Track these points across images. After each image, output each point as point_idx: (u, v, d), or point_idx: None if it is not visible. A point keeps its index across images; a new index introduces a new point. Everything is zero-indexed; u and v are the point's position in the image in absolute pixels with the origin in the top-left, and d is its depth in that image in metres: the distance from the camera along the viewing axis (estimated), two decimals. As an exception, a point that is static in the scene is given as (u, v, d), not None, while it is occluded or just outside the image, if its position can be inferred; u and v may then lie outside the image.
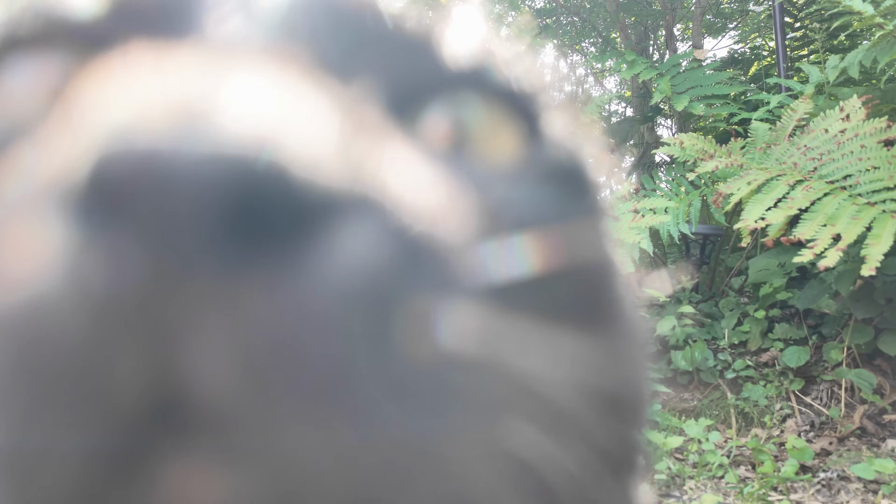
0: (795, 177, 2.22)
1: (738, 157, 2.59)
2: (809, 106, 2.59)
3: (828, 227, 1.94)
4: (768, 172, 2.30)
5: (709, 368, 2.87)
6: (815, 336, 2.71)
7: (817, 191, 2.09)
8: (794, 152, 2.41)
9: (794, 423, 2.42)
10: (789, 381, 2.60)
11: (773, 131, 2.68)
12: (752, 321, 2.92)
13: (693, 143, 2.68)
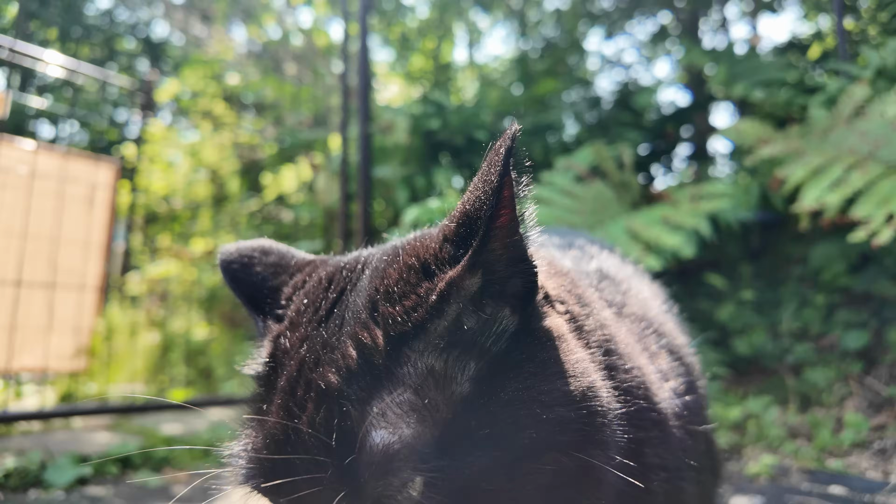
0: (851, 160, 2.44)
1: (795, 143, 2.81)
2: (867, 90, 2.78)
3: (883, 206, 2.16)
4: (823, 156, 2.52)
5: (769, 353, 3.08)
6: (876, 320, 2.90)
7: (873, 173, 2.31)
8: (851, 136, 2.62)
9: (854, 403, 2.62)
10: (849, 363, 2.80)
11: (831, 116, 2.88)
12: (813, 307, 3.12)
13: (750, 130, 2.90)
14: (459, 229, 0.49)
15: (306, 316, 0.52)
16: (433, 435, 0.41)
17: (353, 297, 0.51)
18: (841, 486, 1.84)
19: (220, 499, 1.75)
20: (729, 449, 2.21)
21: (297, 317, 0.53)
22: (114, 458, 2.32)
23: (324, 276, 0.56)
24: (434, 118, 3.50)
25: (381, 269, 0.51)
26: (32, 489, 2.09)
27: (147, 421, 3.04)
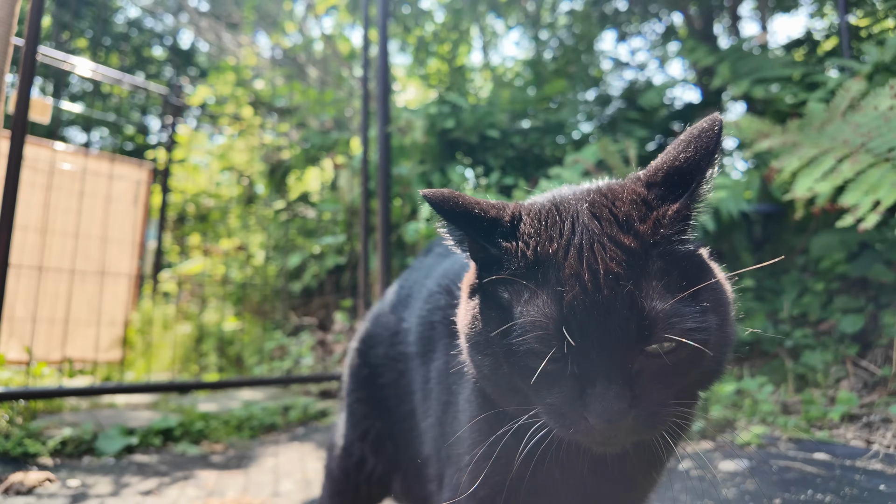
0: (844, 151, 2.55)
1: (792, 136, 2.91)
2: (862, 85, 2.88)
3: (870, 194, 2.27)
4: (819, 148, 2.63)
5: (768, 338, 3.19)
6: (872, 305, 2.99)
7: (863, 163, 2.42)
8: (846, 129, 2.72)
9: (848, 383, 2.73)
10: (846, 346, 2.90)
11: (828, 110, 2.98)
12: (812, 293, 3.21)
13: (749, 124, 3.01)
14: (668, 178, 0.71)
15: (555, 232, 0.69)
16: (675, 307, 0.64)
17: (589, 223, 0.69)
18: (825, 453, 1.96)
19: (255, 463, 1.94)
20: (722, 422, 2.34)
21: (545, 233, 0.70)
22: (158, 430, 2.53)
23: (547, 210, 0.73)
24: (449, 118, 3.66)
25: (606, 205, 0.70)
26: (86, 456, 2.31)
27: (184, 402, 3.26)
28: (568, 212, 0.71)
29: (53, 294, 4.30)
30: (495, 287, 0.70)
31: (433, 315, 1.04)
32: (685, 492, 1.71)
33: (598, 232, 0.67)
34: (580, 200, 0.73)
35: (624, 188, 0.73)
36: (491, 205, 0.74)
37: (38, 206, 4.19)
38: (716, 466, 1.92)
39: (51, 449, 2.25)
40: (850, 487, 1.65)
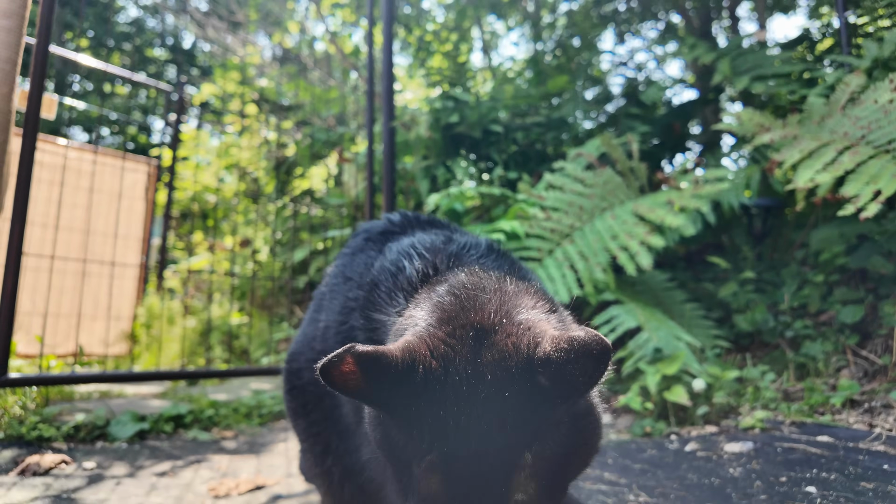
0: (844, 144, 2.57)
1: (792, 130, 2.94)
2: (862, 79, 2.91)
3: (870, 184, 2.29)
4: (819, 141, 2.66)
5: (769, 329, 3.21)
6: (872, 296, 3.02)
7: (863, 155, 2.44)
8: (846, 122, 2.75)
9: (849, 372, 2.75)
10: (846, 336, 2.92)
11: (828, 105, 3.00)
12: (812, 285, 3.24)
13: (751, 118, 3.04)
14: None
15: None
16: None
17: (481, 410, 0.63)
18: (828, 435, 1.98)
19: (266, 449, 1.96)
20: (725, 407, 2.36)
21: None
22: (168, 416, 2.55)
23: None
24: (453, 113, 3.68)
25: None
26: (99, 441, 2.32)
27: (193, 392, 3.27)
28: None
29: (58, 288, 4.30)
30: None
31: (350, 330, 1.01)
32: (692, 471, 1.73)
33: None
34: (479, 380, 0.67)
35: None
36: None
37: (44, 202, 4.20)
38: (721, 448, 1.94)
39: (64, 434, 2.26)
40: (854, 467, 1.67)
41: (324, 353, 1.09)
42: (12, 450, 2.05)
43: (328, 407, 1.10)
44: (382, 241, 1.10)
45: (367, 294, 0.97)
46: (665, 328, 2.49)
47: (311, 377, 1.13)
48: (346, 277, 1.10)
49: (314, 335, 1.15)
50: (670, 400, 2.20)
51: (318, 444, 1.12)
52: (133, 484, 1.79)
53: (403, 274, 0.94)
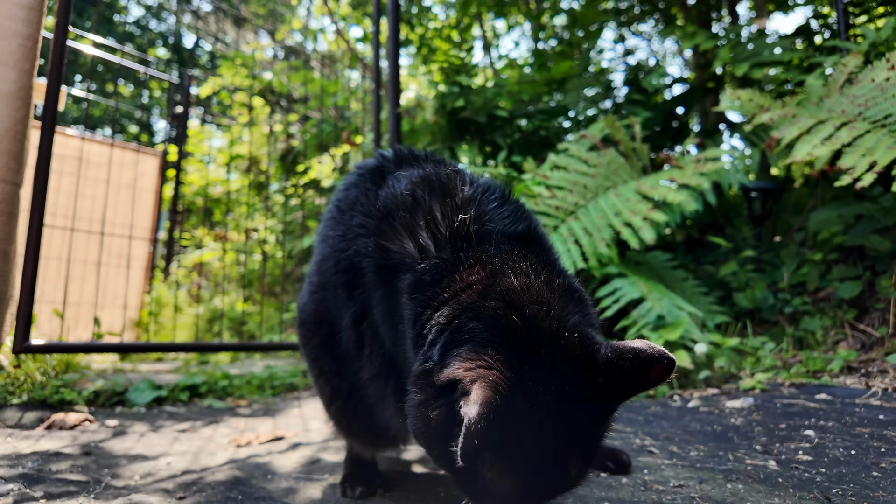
0: (841, 120, 2.65)
1: (791, 110, 3.01)
2: (860, 60, 2.98)
3: (866, 156, 2.36)
4: (817, 118, 2.73)
5: (769, 306, 3.28)
6: (869, 273, 3.09)
7: (860, 129, 2.51)
8: (844, 101, 2.82)
9: (847, 345, 2.82)
10: (844, 311, 2.99)
11: (826, 86, 3.08)
12: (811, 264, 3.31)
13: (750, 98, 3.11)
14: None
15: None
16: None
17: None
18: (826, 394, 2.05)
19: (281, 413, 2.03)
20: (726, 374, 2.43)
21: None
22: (184, 386, 2.62)
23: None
24: (458, 98, 3.76)
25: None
26: (118, 406, 2.39)
27: (206, 368, 3.34)
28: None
29: (70, 277, 4.36)
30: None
31: (355, 255, 1.03)
32: (695, 422, 1.80)
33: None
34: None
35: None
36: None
37: (52, 192, 4.26)
38: (723, 405, 2.00)
39: (85, 398, 2.33)
40: (851, 417, 1.74)
41: (322, 287, 1.17)
42: (36, 412, 2.12)
43: (324, 336, 1.16)
44: (377, 175, 1.11)
45: (378, 222, 0.98)
46: (667, 298, 2.56)
47: (310, 312, 1.19)
48: (341, 210, 1.13)
49: (313, 270, 1.21)
50: (673, 364, 2.27)
51: (318, 368, 1.20)
52: (156, 437, 1.86)
53: (422, 207, 0.94)
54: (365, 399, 1.11)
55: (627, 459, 1.34)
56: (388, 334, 0.97)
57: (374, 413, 1.11)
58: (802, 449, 1.46)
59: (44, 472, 1.40)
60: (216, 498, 1.22)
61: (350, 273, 1.04)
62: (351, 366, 1.11)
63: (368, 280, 0.99)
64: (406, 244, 0.92)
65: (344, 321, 1.08)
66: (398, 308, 0.92)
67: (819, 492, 1.16)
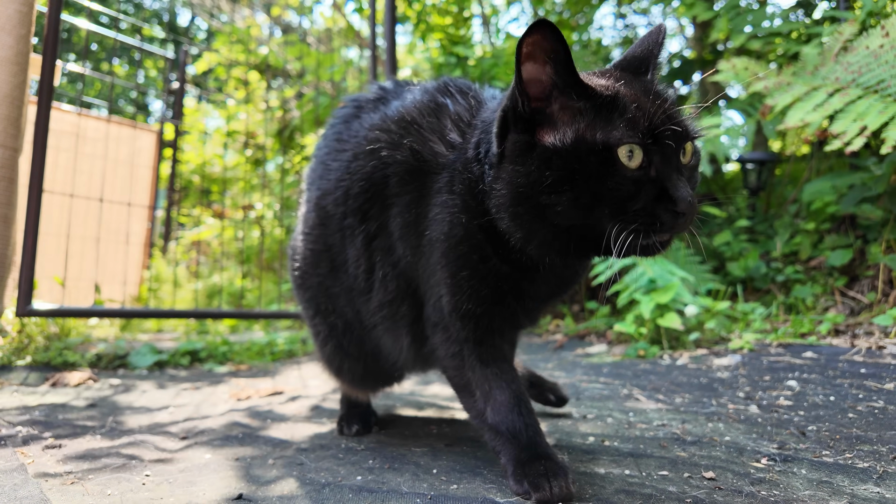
0: (835, 87, 2.67)
1: (786, 77, 3.03)
2: (855, 28, 2.99)
3: (857, 121, 2.40)
4: (811, 85, 2.75)
5: (761, 275, 3.33)
6: (860, 241, 3.13)
7: (852, 96, 2.54)
8: (838, 69, 2.84)
9: (836, 311, 2.87)
10: (834, 279, 3.04)
11: (821, 54, 3.09)
12: (804, 233, 3.36)
13: (745, 66, 3.13)
14: (632, 63, 0.94)
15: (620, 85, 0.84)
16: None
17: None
18: (812, 352, 2.11)
19: (281, 374, 2.08)
20: (716, 336, 2.48)
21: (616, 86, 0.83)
22: (185, 351, 2.67)
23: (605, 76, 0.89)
24: (455, 69, 3.76)
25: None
26: (120, 369, 2.44)
27: (206, 337, 3.40)
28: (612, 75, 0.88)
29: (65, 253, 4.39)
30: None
31: (374, 170, 1.03)
32: (683, 376, 1.86)
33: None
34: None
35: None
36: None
37: (50, 167, 4.28)
38: (711, 362, 2.06)
39: (88, 360, 2.39)
40: (833, 370, 1.80)
41: (321, 224, 1.16)
42: (41, 372, 2.18)
43: (322, 276, 1.19)
44: (380, 103, 1.14)
45: (403, 131, 1.00)
46: (660, 264, 2.61)
47: (306, 255, 1.21)
48: (343, 140, 1.15)
49: (308, 211, 1.21)
50: (663, 326, 2.32)
51: (314, 308, 1.23)
52: (159, 392, 1.92)
53: (446, 110, 1.00)
54: (365, 335, 1.14)
55: (566, 395, 1.40)
56: (411, 245, 0.98)
57: (378, 347, 1.14)
58: (784, 396, 1.51)
59: (51, 419, 1.45)
60: (218, 437, 1.28)
61: (366, 194, 1.04)
62: (354, 300, 1.12)
63: (392, 191, 1.00)
64: (437, 145, 0.97)
65: (351, 251, 1.09)
66: (427, 211, 0.95)
67: (796, 429, 1.22)
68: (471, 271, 0.91)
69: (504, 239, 0.87)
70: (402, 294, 1.03)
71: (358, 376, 1.22)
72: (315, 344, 1.27)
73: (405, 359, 1.10)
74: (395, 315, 1.05)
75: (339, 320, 1.18)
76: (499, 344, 0.98)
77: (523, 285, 0.93)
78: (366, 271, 1.07)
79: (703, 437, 1.17)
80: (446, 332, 0.97)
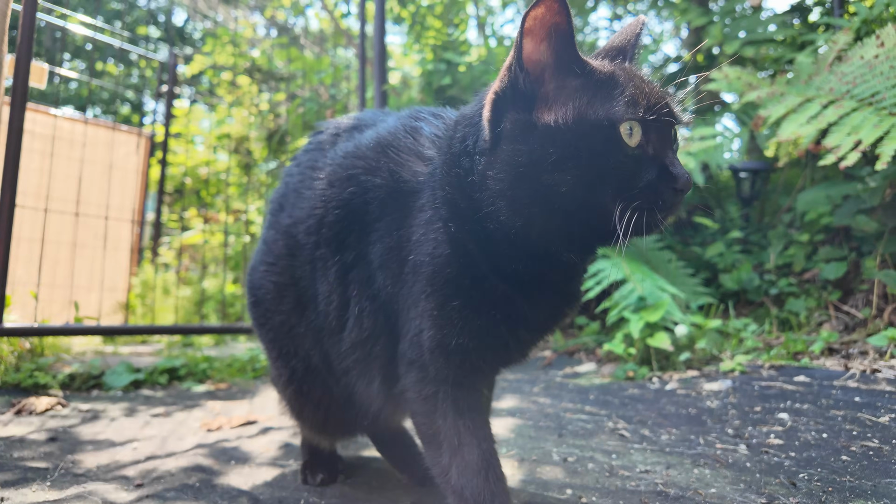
0: (829, 98, 2.60)
1: (780, 88, 2.96)
2: (850, 37, 2.92)
3: (852, 135, 2.32)
4: (805, 97, 2.68)
5: (754, 288, 3.27)
6: (855, 254, 3.07)
7: (846, 108, 2.47)
8: (832, 79, 2.77)
9: (830, 326, 2.81)
10: (828, 292, 2.98)
11: (816, 63, 3.02)
12: (798, 245, 3.29)
13: (738, 76, 3.06)
14: (611, 52, 0.92)
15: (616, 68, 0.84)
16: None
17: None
18: (805, 376, 2.04)
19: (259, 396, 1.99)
20: (707, 356, 2.41)
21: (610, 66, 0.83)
22: (163, 369, 2.59)
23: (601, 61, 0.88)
24: (445, 76, 3.68)
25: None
26: (94, 389, 2.36)
27: (187, 351, 3.31)
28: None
29: (53, 259, 4.31)
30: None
31: (351, 196, 0.98)
32: (671, 404, 1.79)
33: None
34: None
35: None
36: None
37: (36, 172, 4.19)
38: (701, 387, 1.99)
39: (60, 382, 2.30)
40: (827, 399, 1.73)
41: (289, 255, 1.09)
42: (8, 396, 2.09)
43: (286, 312, 1.10)
44: (356, 130, 1.09)
45: (380, 155, 0.97)
46: (650, 280, 2.54)
47: (269, 288, 1.13)
48: (317, 168, 1.08)
49: (274, 239, 1.13)
50: (653, 346, 2.25)
51: (277, 350, 1.14)
52: (128, 421, 1.84)
53: (421, 132, 0.97)
54: (333, 381, 1.06)
55: (422, 477, 1.18)
56: (392, 272, 0.91)
57: (350, 394, 1.05)
58: (774, 432, 1.44)
59: (4, 459, 1.37)
60: (174, 485, 1.20)
61: (342, 222, 0.98)
62: (322, 340, 1.04)
63: (372, 216, 0.95)
64: (415, 164, 0.93)
65: (322, 286, 1.02)
66: (409, 233, 0.89)
67: (786, 476, 1.15)
68: (462, 300, 0.83)
69: (500, 243, 0.81)
70: (378, 331, 0.95)
71: (319, 423, 1.14)
72: (276, 385, 1.19)
73: (375, 403, 1.02)
74: (368, 356, 0.97)
75: (300, 364, 1.10)
76: (479, 388, 0.91)
77: (521, 310, 0.85)
78: (338, 307, 0.99)
79: (688, 490, 1.10)
80: (422, 371, 0.88)
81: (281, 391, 1.17)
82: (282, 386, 1.16)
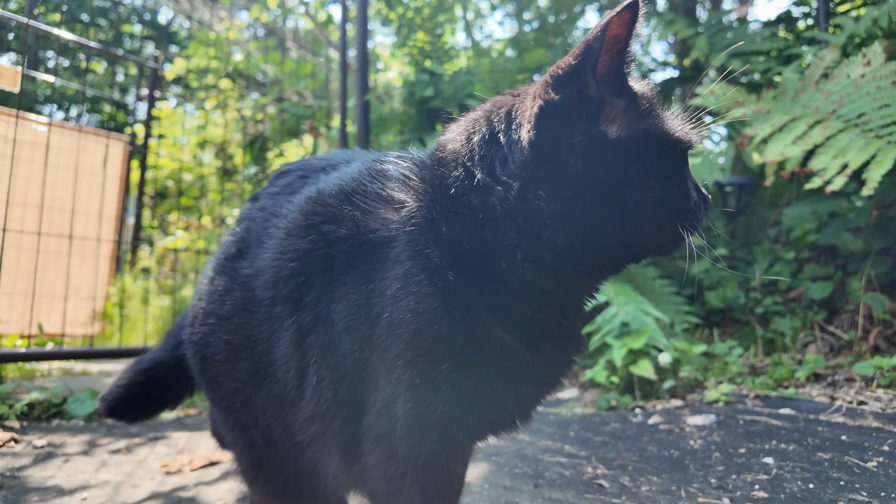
0: (815, 118, 2.54)
1: (766, 105, 2.91)
2: (836, 54, 2.87)
3: (838, 158, 2.27)
4: (791, 115, 2.62)
5: (740, 306, 3.21)
6: (840, 273, 3.02)
7: (833, 129, 2.42)
8: (819, 97, 2.72)
9: (816, 348, 2.76)
10: (814, 312, 2.93)
11: (802, 80, 2.97)
12: (783, 262, 3.24)
13: (724, 92, 3.00)
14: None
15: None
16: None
17: None
18: (790, 408, 1.98)
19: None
20: (692, 382, 2.35)
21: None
22: (129, 394, 2.48)
23: None
24: (428, 87, 3.60)
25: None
26: (55, 419, 2.25)
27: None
28: None
29: (28, 268, 4.17)
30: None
31: (312, 246, 0.86)
32: (653, 443, 1.72)
33: None
34: None
35: None
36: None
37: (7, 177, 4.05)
38: (684, 421, 1.92)
39: (18, 412, 2.19)
40: (813, 438, 1.66)
41: (245, 310, 0.95)
42: (-39, 428, 1.98)
43: (242, 379, 0.97)
44: (321, 172, 1.00)
45: (345, 203, 0.85)
46: (634, 303, 2.47)
47: (220, 346, 0.99)
48: (279, 215, 0.97)
49: (228, 289, 1.00)
50: (636, 374, 2.18)
51: (233, 419, 1.02)
52: (83, 461, 1.73)
53: (391, 175, 0.85)
54: (298, 453, 0.94)
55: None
56: (361, 335, 0.79)
57: (312, 469, 0.94)
58: (759, 482, 1.37)
59: (-63, 516, 1.27)
60: (116, 554, 1.11)
61: (298, 277, 0.86)
62: (283, 412, 0.92)
63: (337, 271, 0.83)
64: (385, 211, 0.82)
65: (279, 350, 0.89)
66: (382, 288, 0.77)
67: (771, 543, 1.08)
68: (452, 362, 0.72)
69: (517, 281, 0.73)
70: (339, 404, 0.83)
71: (278, 492, 1.04)
72: (231, 450, 1.09)
73: (333, 484, 0.92)
74: (326, 432, 0.85)
75: (260, 435, 0.98)
76: (452, 468, 0.81)
77: (525, 362, 0.75)
78: (296, 376, 0.87)
79: (667, 562, 1.02)
80: (390, 448, 0.78)
81: (235, 458, 1.07)
82: (237, 453, 1.05)
